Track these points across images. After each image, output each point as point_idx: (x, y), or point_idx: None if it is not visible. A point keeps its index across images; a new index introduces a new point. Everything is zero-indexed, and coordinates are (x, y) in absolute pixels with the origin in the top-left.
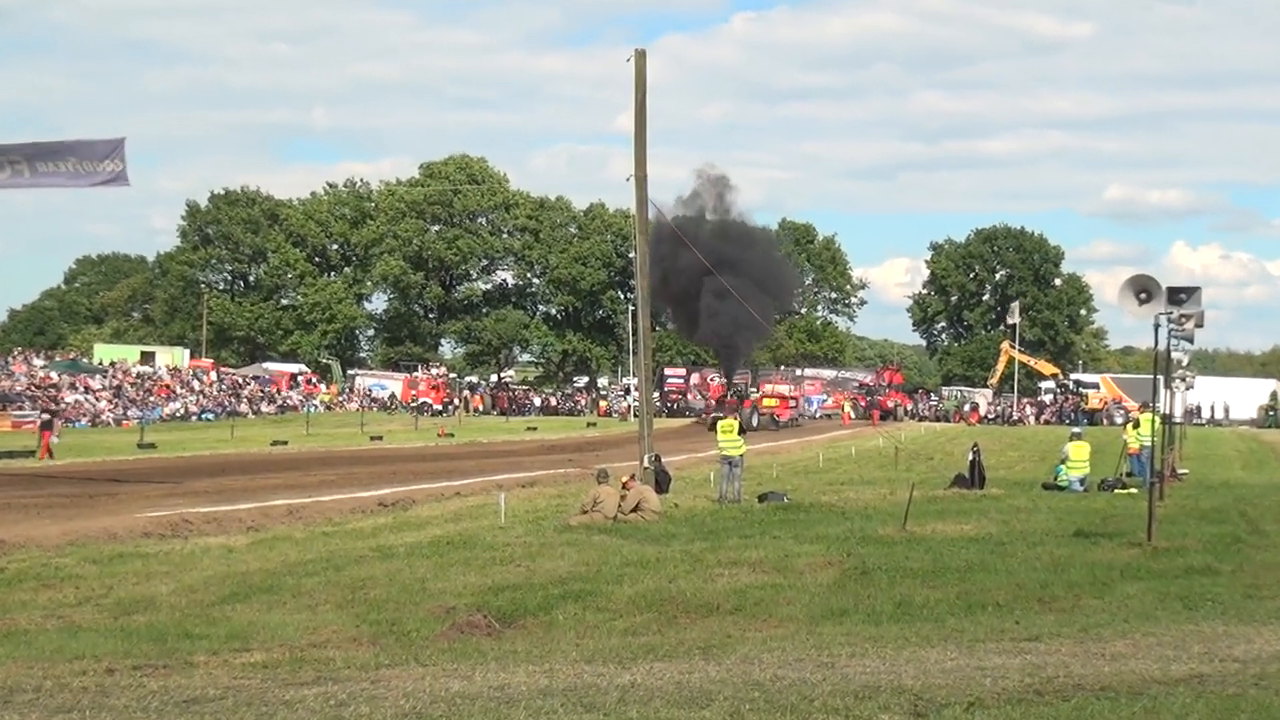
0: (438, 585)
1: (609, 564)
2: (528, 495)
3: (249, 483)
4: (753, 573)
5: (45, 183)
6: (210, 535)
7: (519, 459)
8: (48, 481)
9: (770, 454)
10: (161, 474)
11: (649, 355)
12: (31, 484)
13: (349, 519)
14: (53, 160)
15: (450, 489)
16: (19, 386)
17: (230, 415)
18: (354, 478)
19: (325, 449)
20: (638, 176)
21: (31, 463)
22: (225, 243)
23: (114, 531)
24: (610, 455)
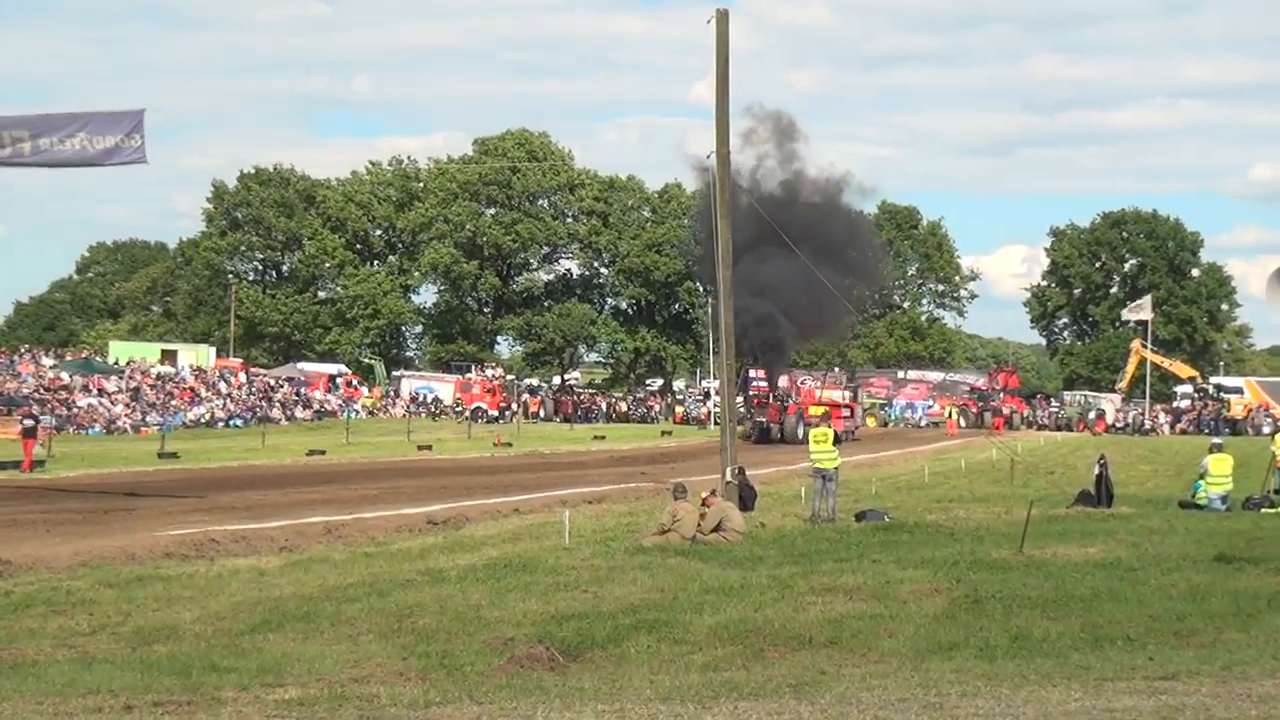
0: (494, 613)
1: (687, 590)
2: (595, 513)
3: (282, 497)
4: (849, 601)
5: (52, 160)
6: (239, 556)
7: (585, 472)
8: (58, 495)
9: (869, 467)
10: (184, 487)
11: (732, 354)
12: (40, 498)
13: (394, 538)
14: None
15: (508, 505)
16: (26, 388)
17: (261, 421)
18: (400, 492)
19: (367, 460)
20: (719, 153)
21: (39, 474)
22: (255, 228)
23: (132, 551)
24: (688, 468)
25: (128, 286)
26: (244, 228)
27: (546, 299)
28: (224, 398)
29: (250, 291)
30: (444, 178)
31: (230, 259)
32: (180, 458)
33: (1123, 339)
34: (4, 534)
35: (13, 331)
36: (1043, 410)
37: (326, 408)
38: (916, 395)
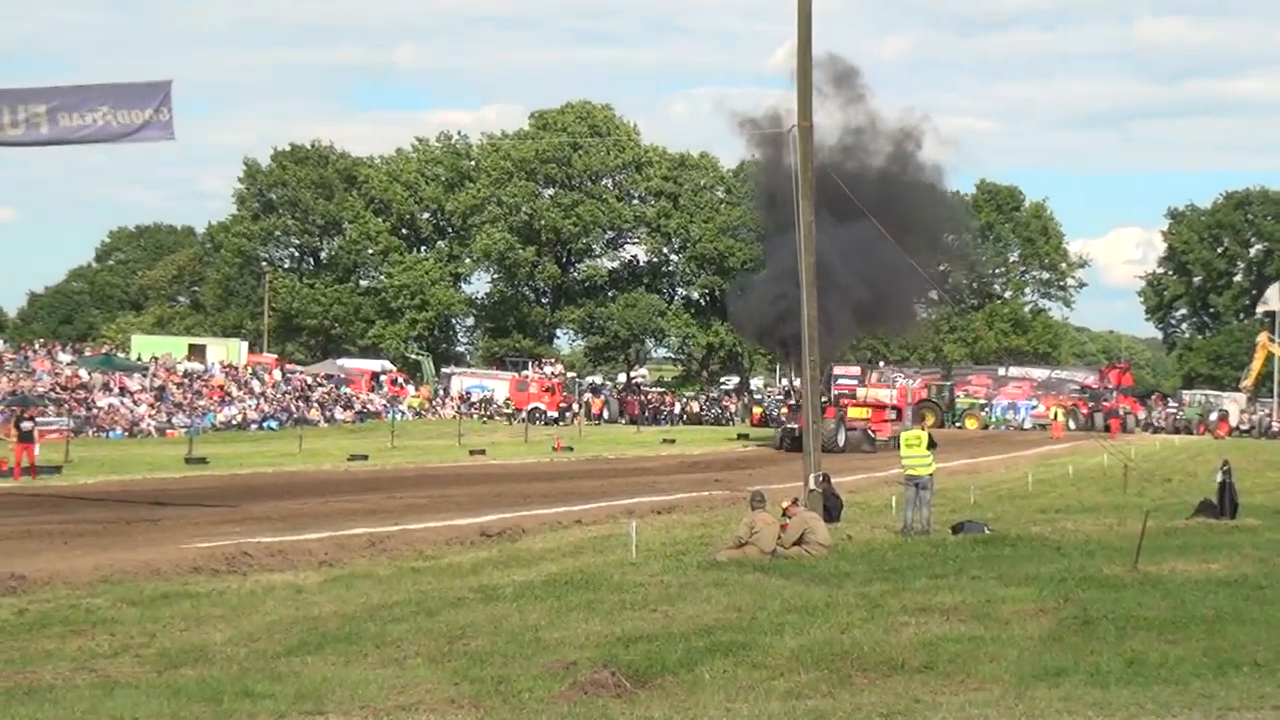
0: (554, 634)
1: (766, 610)
2: (664, 524)
3: (321, 507)
4: (946, 622)
5: (72, 137)
6: (274, 571)
7: (653, 479)
8: (76, 504)
9: (966, 474)
10: (214, 495)
11: (815, 349)
12: (57, 507)
13: (444, 552)
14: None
15: (568, 515)
16: (41, 387)
17: (298, 423)
18: (450, 501)
19: (415, 465)
20: (801, 127)
21: (56, 481)
22: (291, 210)
23: (157, 566)
24: (767, 474)
25: (151, 275)
26: (278, 211)
27: (610, 288)
28: (257, 397)
29: (285, 280)
30: (497, 155)
31: (263, 245)
32: (209, 463)
33: (1248, 332)
34: (18, 546)
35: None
36: (1159, 411)
37: (369, 408)
38: (1019, 394)
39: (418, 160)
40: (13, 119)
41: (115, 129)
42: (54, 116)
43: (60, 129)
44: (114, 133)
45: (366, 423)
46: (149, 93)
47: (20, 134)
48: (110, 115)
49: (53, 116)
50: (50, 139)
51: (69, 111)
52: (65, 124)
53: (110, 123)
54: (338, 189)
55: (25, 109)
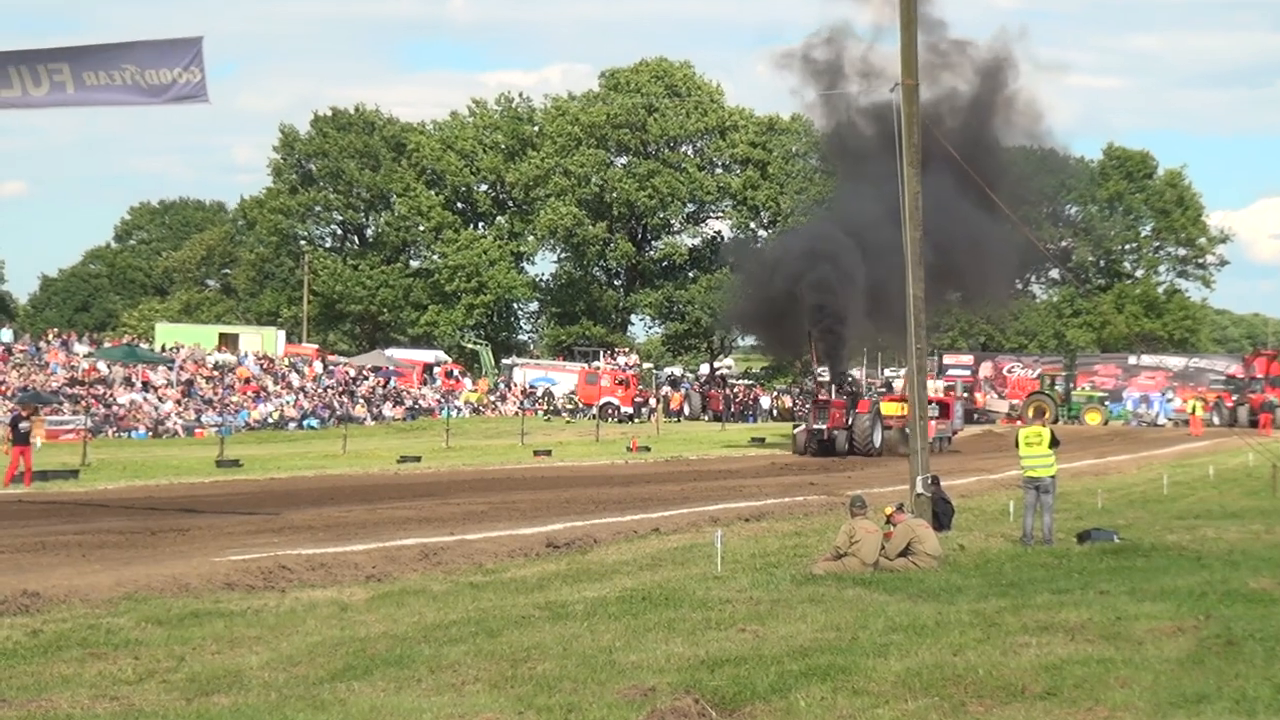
0: (630, 657)
1: (869, 629)
2: (753, 532)
3: (368, 515)
4: (1071, 642)
5: (97, 99)
6: (316, 587)
7: (740, 482)
8: (95, 512)
9: (1092, 475)
10: (249, 502)
11: (923, 337)
12: (75, 515)
13: (506, 565)
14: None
15: (645, 524)
16: (56, 381)
17: (341, 422)
18: (512, 508)
19: (473, 468)
20: (905, 85)
21: (73, 486)
22: (333, 183)
23: (185, 581)
24: (868, 477)
25: (178, 256)
26: (318, 183)
27: (691, 268)
28: (296, 392)
29: (327, 261)
30: (563, 120)
31: (302, 222)
32: (243, 466)
33: None
34: (32, 559)
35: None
36: None
37: (421, 404)
38: (1152, 386)
39: (474, 126)
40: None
41: (144, 90)
42: (78, 76)
43: (85, 90)
44: (142, 94)
45: (418, 420)
46: (178, 50)
47: (43, 95)
48: (138, 75)
49: (77, 76)
50: (74, 100)
51: (94, 70)
52: (90, 84)
53: (139, 83)
54: (385, 159)
55: (47, 69)
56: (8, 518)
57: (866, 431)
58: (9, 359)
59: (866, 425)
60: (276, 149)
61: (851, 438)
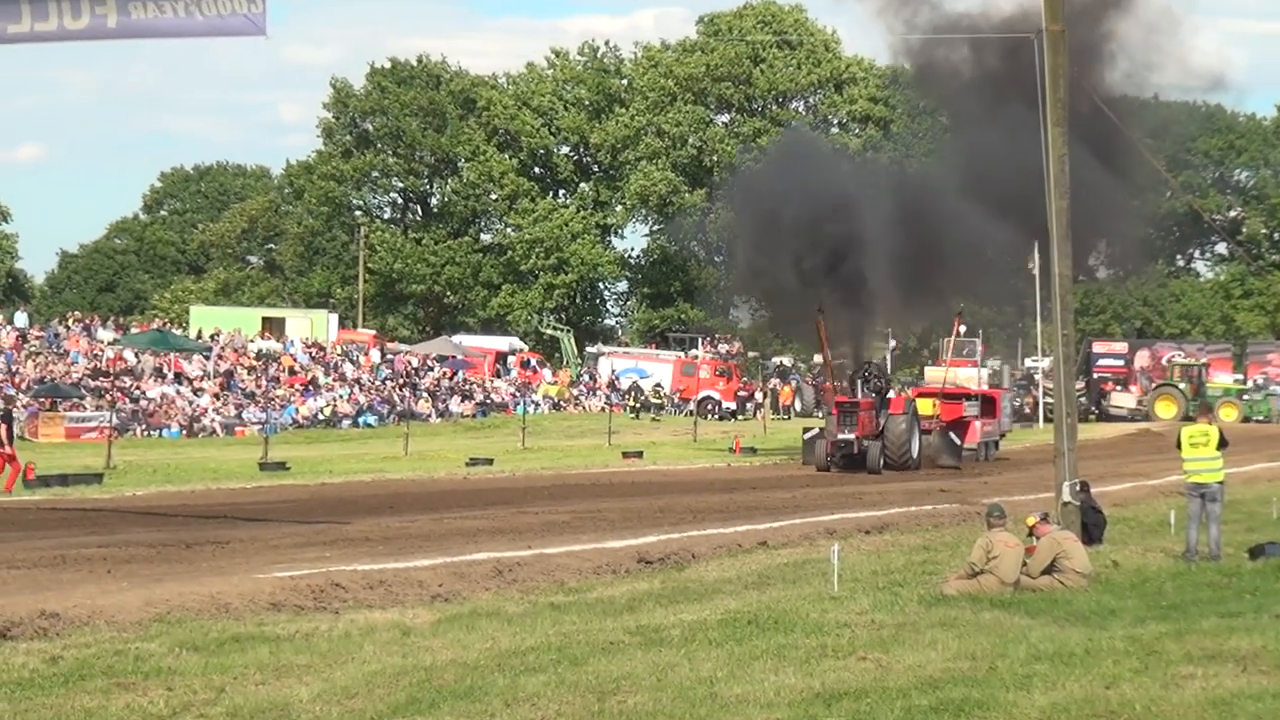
0: (733, 690)
1: (1009, 658)
2: (875, 546)
3: (434, 525)
4: (1243, 674)
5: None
6: (375, 608)
7: (859, 488)
8: (121, 521)
9: (1266, 480)
10: (297, 511)
11: (1069, 322)
12: (98, 525)
13: (591, 582)
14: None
15: (750, 536)
16: (77, 372)
17: (403, 419)
18: (599, 517)
19: (552, 471)
20: (1049, 32)
21: (96, 492)
22: (393, 146)
23: (225, 601)
24: (1008, 482)
25: (215, 230)
26: (376, 145)
27: None
28: (350, 385)
29: (386, 235)
30: (656, 73)
31: (357, 189)
32: (291, 470)
33: None
34: (50, 576)
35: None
36: None
37: (494, 399)
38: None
39: (554, 79)
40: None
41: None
42: (123, 5)
43: (131, 21)
44: (195, 26)
45: (490, 417)
46: None
47: (84, 26)
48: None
49: (121, 6)
50: (115, 33)
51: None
52: (137, 15)
53: (194, 14)
54: (451, 117)
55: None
56: (22, 527)
57: (902, 439)
58: (24, 347)
59: (902, 431)
60: (328, 106)
61: (886, 448)
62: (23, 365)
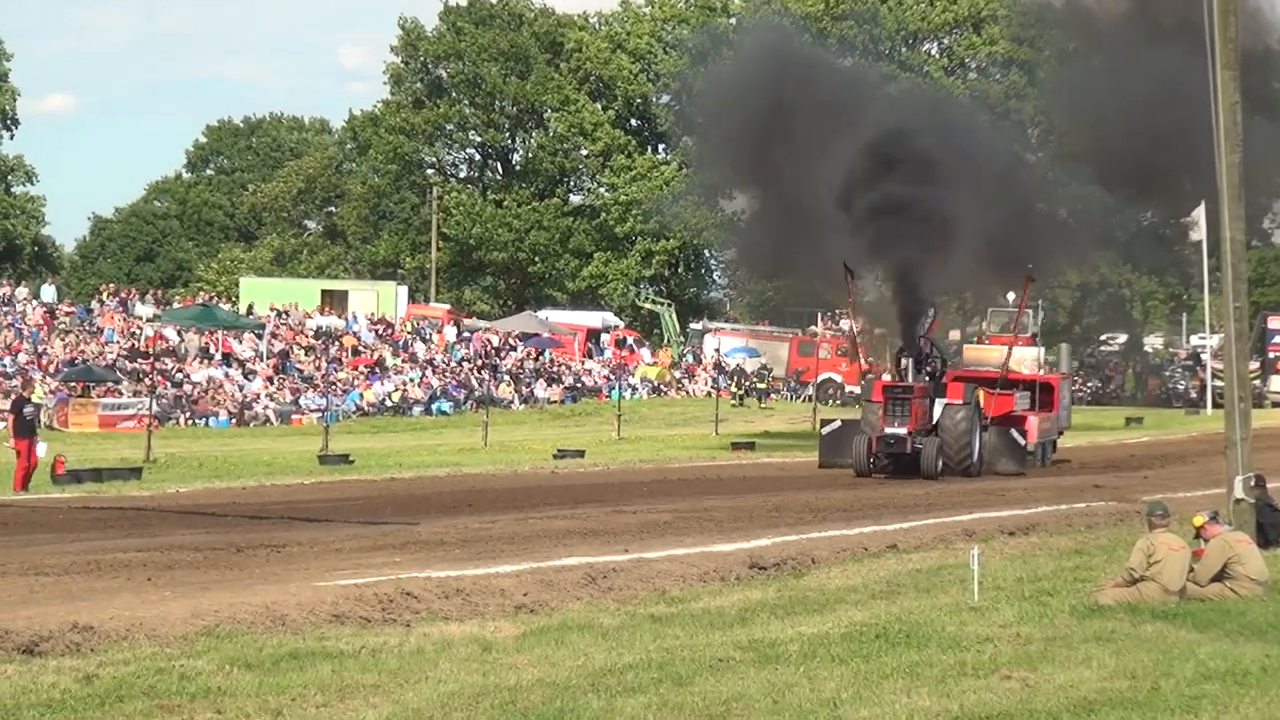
0: (860, 713)
1: (1174, 677)
2: (1020, 549)
3: (518, 526)
4: None
5: None
6: (451, 620)
7: (1002, 483)
8: (164, 522)
9: None
10: (363, 510)
11: (1242, 293)
12: (137, 526)
13: (697, 591)
14: None
15: (878, 538)
16: (112, 353)
17: (481, 405)
18: (705, 517)
19: (653, 464)
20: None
21: (134, 489)
22: (469, 94)
23: (281, 612)
24: (1171, 477)
25: (268, 191)
26: (450, 94)
27: None
28: (422, 367)
29: (462, 196)
30: (769, 10)
31: (429, 144)
32: (355, 463)
33: None
34: (83, 584)
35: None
36: None
37: (585, 382)
38: None
39: (652, 19)
40: None
41: None
42: None
43: None
44: None
45: (581, 403)
46: None
47: None
48: None
49: None
50: None
51: None
52: None
53: None
54: (536, 62)
55: None
56: (51, 529)
57: (963, 436)
58: (52, 324)
59: (963, 426)
60: (396, 50)
61: (942, 446)
62: (50, 345)
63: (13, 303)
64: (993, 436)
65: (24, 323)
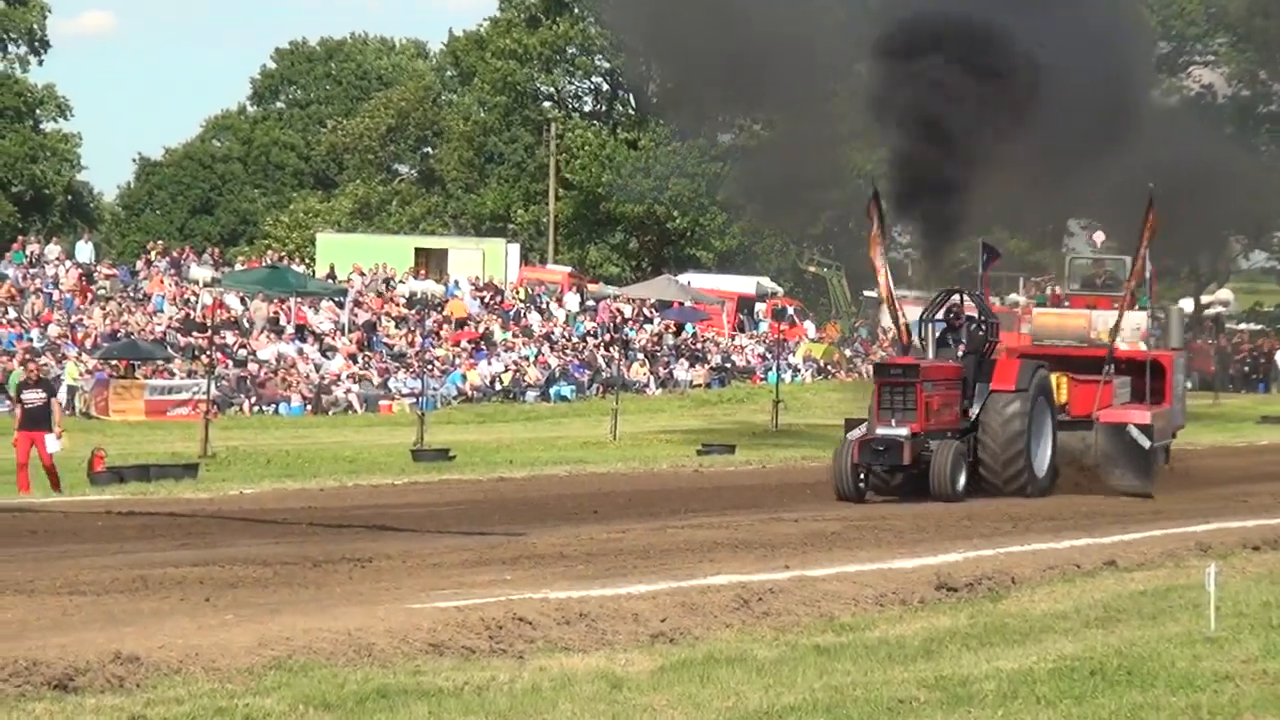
0: None
1: None
2: (1267, 567)
3: (653, 536)
4: None
5: None
6: (572, 650)
7: (1245, 488)
8: (224, 531)
9: None
10: (465, 516)
11: None
12: (193, 535)
13: (872, 617)
14: None
15: (1092, 552)
16: (161, 325)
17: (609, 389)
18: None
19: (818, 463)
20: None
21: (188, 490)
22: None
23: (366, 640)
24: None
25: (350, 128)
26: (573, 11)
27: None
28: (538, 343)
29: (584, 134)
30: None
31: (546, 72)
32: (456, 459)
33: None
34: (128, 604)
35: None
36: None
37: (735, 360)
38: None
39: None
40: None
41: None
42: None
43: None
44: None
45: (730, 387)
46: None
47: None
48: None
49: None
50: None
51: None
52: None
53: None
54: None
55: None
56: (89, 538)
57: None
58: (89, 290)
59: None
60: None
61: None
62: (88, 315)
63: (42, 264)
64: (1103, 437)
65: (55, 288)
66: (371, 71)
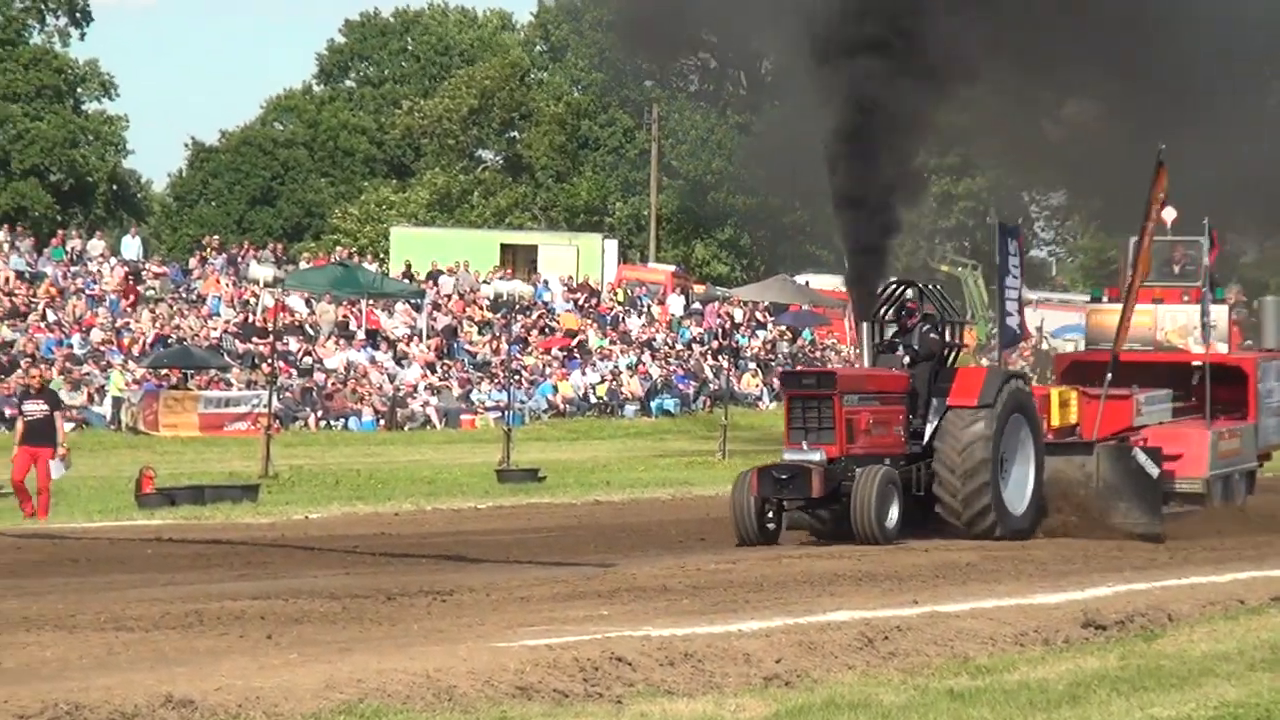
0: None
1: None
2: None
3: (767, 566)
4: None
5: None
6: (677, 694)
7: None
8: (288, 560)
9: None
10: (556, 545)
11: None
12: (253, 564)
13: (1011, 657)
14: None
15: (1257, 587)
16: (217, 329)
17: (718, 402)
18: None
19: None
20: None
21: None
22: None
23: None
24: None
25: (428, 109)
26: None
27: None
28: (638, 350)
29: (689, 119)
30: None
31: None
32: (546, 480)
33: None
34: (181, 642)
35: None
36: None
37: None
38: None
39: None
40: None
41: None
42: None
43: None
44: None
45: None
46: None
47: None
48: None
49: None
50: None
51: None
52: None
53: None
54: None
55: None
56: (137, 568)
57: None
58: (138, 290)
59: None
60: None
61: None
62: (135, 319)
63: (84, 260)
64: (1106, 463)
65: (98, 287)
66: (453, 46)
